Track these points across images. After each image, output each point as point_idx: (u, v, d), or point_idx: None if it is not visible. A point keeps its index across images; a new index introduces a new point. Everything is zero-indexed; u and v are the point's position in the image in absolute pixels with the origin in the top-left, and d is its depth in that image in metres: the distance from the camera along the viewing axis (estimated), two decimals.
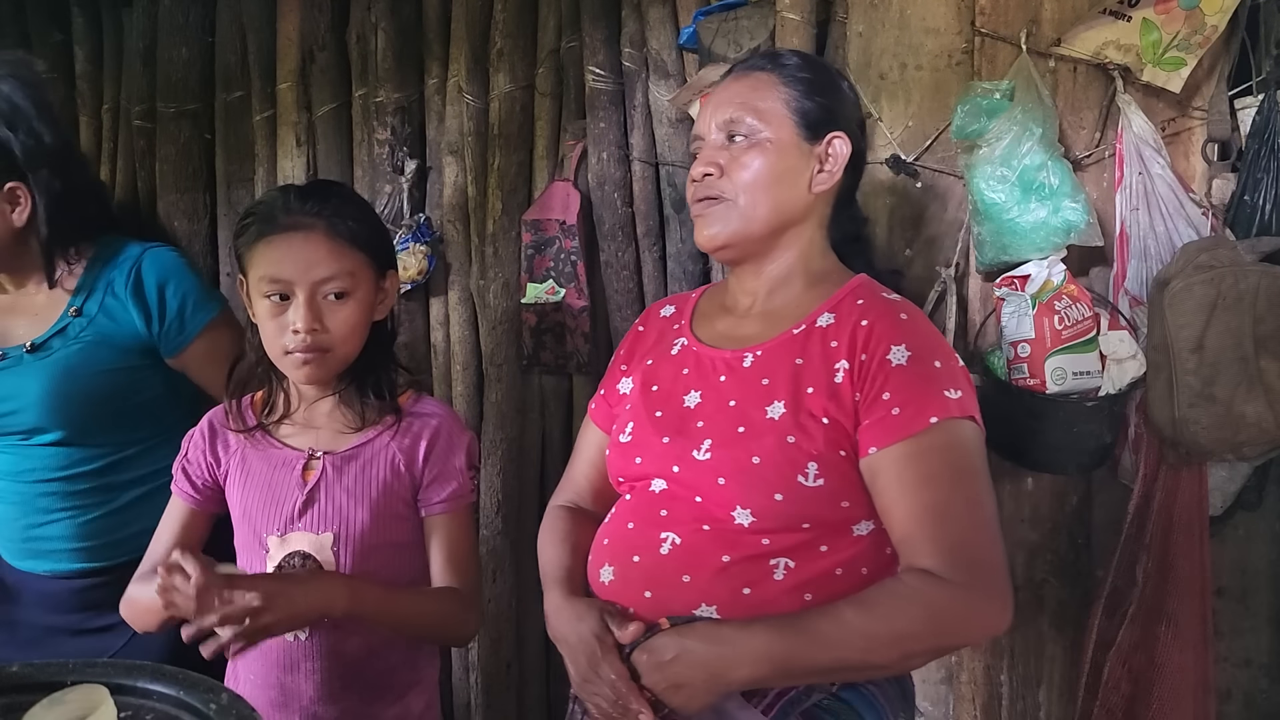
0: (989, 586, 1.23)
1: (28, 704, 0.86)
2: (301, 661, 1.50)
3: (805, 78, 1.43)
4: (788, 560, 1.30)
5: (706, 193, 1.42)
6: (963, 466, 1.28)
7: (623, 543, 1.40)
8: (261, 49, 2.53)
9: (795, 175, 1.42)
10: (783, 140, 1.41)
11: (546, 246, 2.29)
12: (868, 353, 1.32)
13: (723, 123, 1.42)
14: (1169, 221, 1.80)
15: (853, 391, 1.31)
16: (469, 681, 2.50)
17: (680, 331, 1.52)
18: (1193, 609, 1.81)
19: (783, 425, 1.32)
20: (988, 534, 1.26)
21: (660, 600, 1.32)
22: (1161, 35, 1.79)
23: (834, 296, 1.41)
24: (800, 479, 1.29)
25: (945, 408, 1.28)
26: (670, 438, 1.40)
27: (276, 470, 1.54)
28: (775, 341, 1.40)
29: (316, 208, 1.48)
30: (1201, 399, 1.70)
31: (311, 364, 1.49)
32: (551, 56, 2.31)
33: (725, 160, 1.41)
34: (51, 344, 1.76)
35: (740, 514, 1.30)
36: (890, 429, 1.28)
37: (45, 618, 1.83)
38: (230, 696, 0.92)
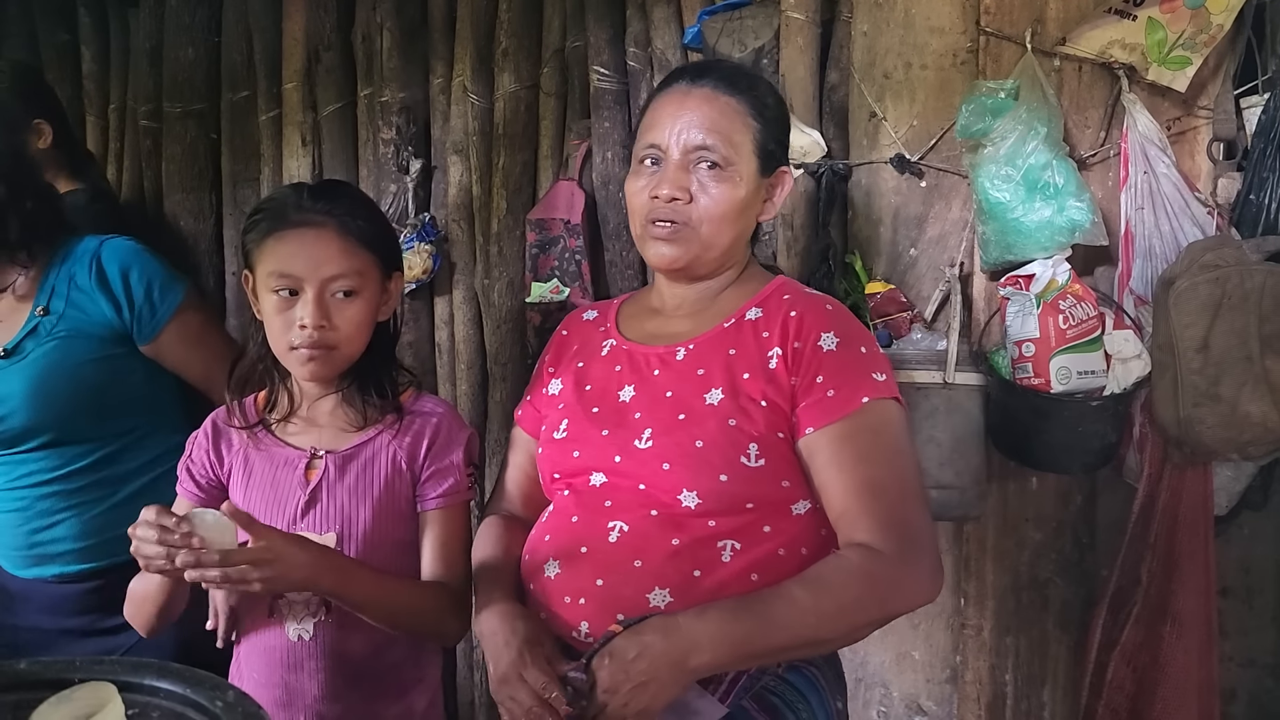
0: (921, 556, 1.32)
1: (35, 701, 0.86)
2: (305, 660, 1.49)
3: (769, 116, 1.47)
4: (734, 542, 1.34)
5: (672, 216, 1.43)
6: (893, 445, 1.37)
7: (567, 536, 1.42)
8: (267, 49, 2.54)
9: (751, 208, 1.47)
10: (747, 176, 1.44)
11: (551, 246, 2.29)
12: (800, 339, 1.39)
13: (693, 147, 1.43)
14: (1174, 221, 1.80)
15: (788, 376, 1.38)
16: (473, 680, 2.50)
17: (607, 334, 1.56)
18: (1197, 609, 1.81)
19: (723, 409, 1.37)
20: (917, 507, 1.35)
21: (612, 586, 1.34)
22: (1167, 34, 1.78)
23: (760, 294, 1.48)
24: (743, 460, 1.34)
25: (875, 389, 1.36)
26: (609, 430, 1.43)
27: (279, 470, 1.54)
28: (707, 335, 1.45)
29: (328, 206, 1.49)
30: (1206, 398, 1.70)
31: (316, 361, 1.48)
32: (556, 56, 2.32)
33: (694, 187, 1.42)
34: (24, 346, 1.74)
35: (687, 496, 1.34)
36: (826, 410, 1.35)
37: (51, 622, 1.82)
38: (236, 694, 0.92)
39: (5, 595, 1.88)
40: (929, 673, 2.04)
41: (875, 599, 1.29)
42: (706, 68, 1.55)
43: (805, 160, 2.01)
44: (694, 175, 1.43)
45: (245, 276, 1.56)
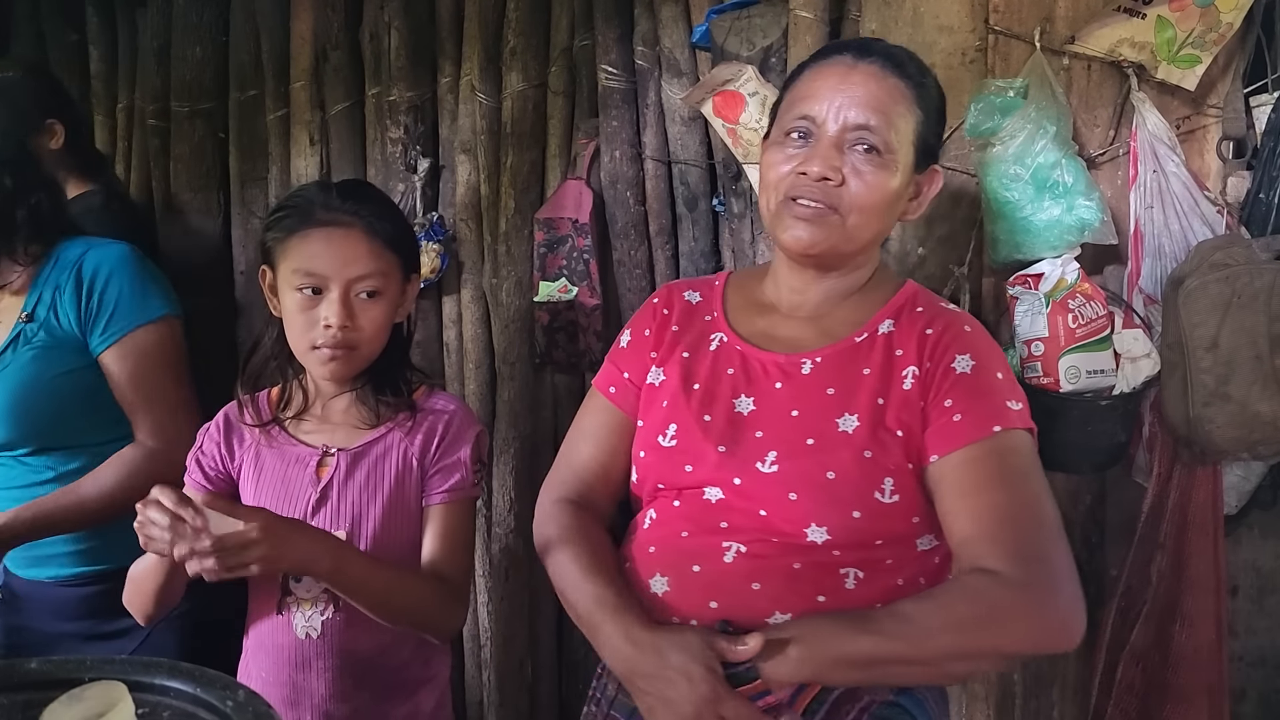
0: (1052, 589, 1.18)
1: (45, 701, 0.87)
2: (313, 659, 1.50)
3: (933, 108, 1.37)
4: (857, 571, 1.27)
5: (820, 197, 1.32)
6: (1025, 471, 1.26)
7: (677, 551, 1.33)
8: (275, 48, 2.54)
9: (900, 203, 1.37)
10: (903, 166, 1.34)
11: (559, 245, 2.29)
12: (933, 360, 1.30)
13: (856, 124, 1.31)
14: (1183, 220, 1.80)
15: (920, 399, 1.29)
16: (482, 680, 2.50)
17: (715, 324, 1.45)
18: (1207, 608, 1.80)
19: (858, 439, 1.28)
20: (1052, 538, 1.23)
21: (727, 609, 1.27)
22: (1176, 32, 1.78)
23: (891, 303, 1.38)
24: (877, 495, 1.26)
25: (1008, 418, 1.27)
26: (727, 447, 1.33)
27: (290, 467, 1.55)
28: (836, 348, 1.35)
29: (356, 206, 1.50)
30: (1216, 398, 1.69)
31: (338, 361, 1.49)
32: (564, 55, 2.32)
33: (846, 169, 1.32)
34: (5, 356, 1.74)
35: (815, 531, 1.26)
36: (953, 435, 1.26)
37: (55, 625, 1.83)
38: (247, 693, 0.92)
39: (12, 595, 1.89)
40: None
41: (988, 623, 1.17)
42: (872, 44, 1.41)
43: None
44: (848, 156, 1.32)
45: (263, 272, 1.56)
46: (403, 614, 1.49)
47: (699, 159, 2.20)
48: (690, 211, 2.22)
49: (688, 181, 2.21)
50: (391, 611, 1.48)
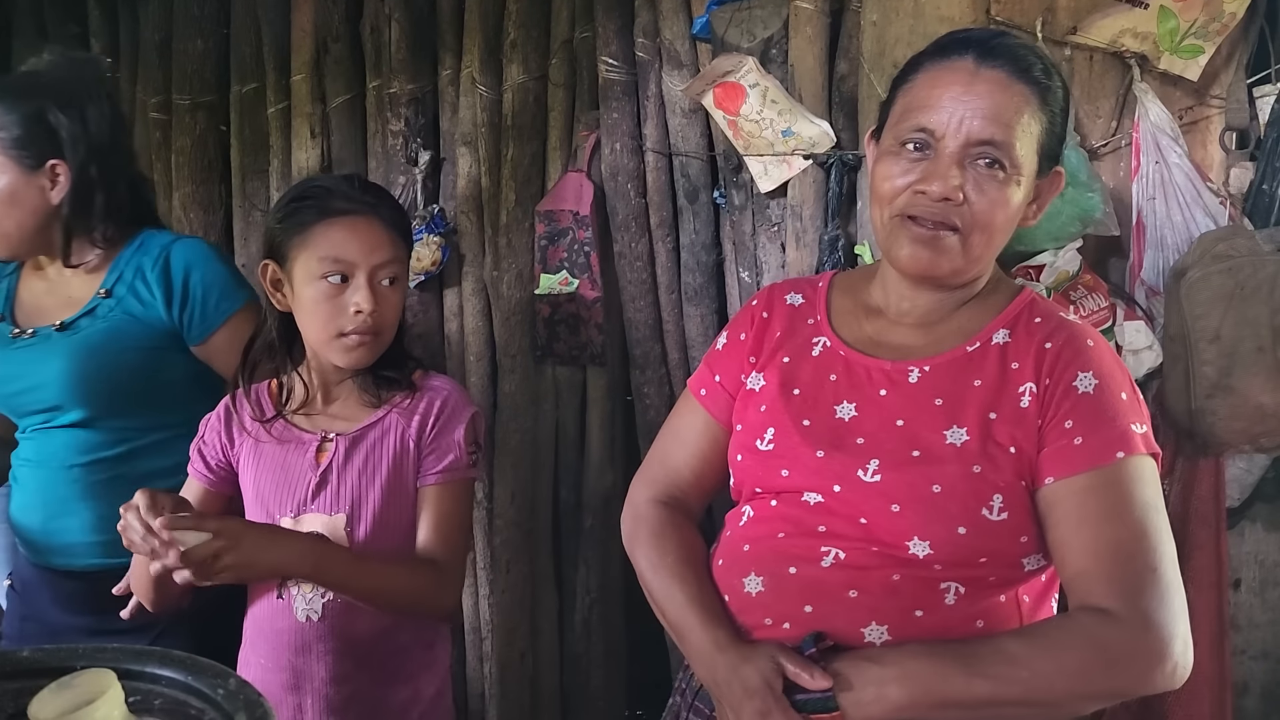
0: (1165, 627, 1.13)
1: (37, 689, 0.86)
2: (313, 643, 1.50)
3: (1058, 109, 1.27)
4: (958, 585, 1.21)
5: (941, 218, 1.24)
6: (1145, 504, 1.19)
7: (773, 552, 1.28)
8: (276, 41, 2.54)
9: (1021, 214, 1.28)
10: (1028, 178, 1.25)
11: (560, 237, 2.29)
12: (1052, 378, 1.22)
13: (978, 140, 1.22)
14: (1186, 211, 1.79)
15: (1038, 418, 1.22)
16: (483, 671, 2.50)
17: (818, 329, 1.39)
18: (1209, 601, 1.80)
19: (967, 453, 1.22)
20: (1167, 575, 1.16)
21: (823, 615, 1.22)
22: (1179, 23, 1.77)
23: (1007, 311, 1.30)
24: (985, 512, 1.20)
25: (1132, 443, 1.19)
26: (825, 452, 1.28)
27: (290, 452, 1.56)
28: (946, 358, 1.29)
29: (374, 197, 1.55)
30: (1219, 390, 1.69)
31: (365, 346, 1.52)
32: (564, 47, 2.31)
33: (968, 185, 1.23)
34: (80, 323, 1.79)
35: (917, 545, 1.21)
36: (1072, 459, 1.19)
37: (64, 617, 1.83)
38: (238, 682, 0.92)
39: (24, 584, 1.90)
40: None
41: (1102, 667, 1.12)
42: (997, 45, 1.27)
43: (814, 151, 2.00)
44: (969, 171, 1.23)
45: (264, 266, 1.56)
46: (392, 602, 1.51)
47: (700, 151, 2.19)
48: (691, 204, 2.22)
49: (688, 174, 2.21)
50: (381, 600, 1.50)
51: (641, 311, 2.30)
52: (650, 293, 2.29)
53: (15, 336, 1.81)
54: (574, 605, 2.48)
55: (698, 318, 2.25)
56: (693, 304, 2.25)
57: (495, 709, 2.49)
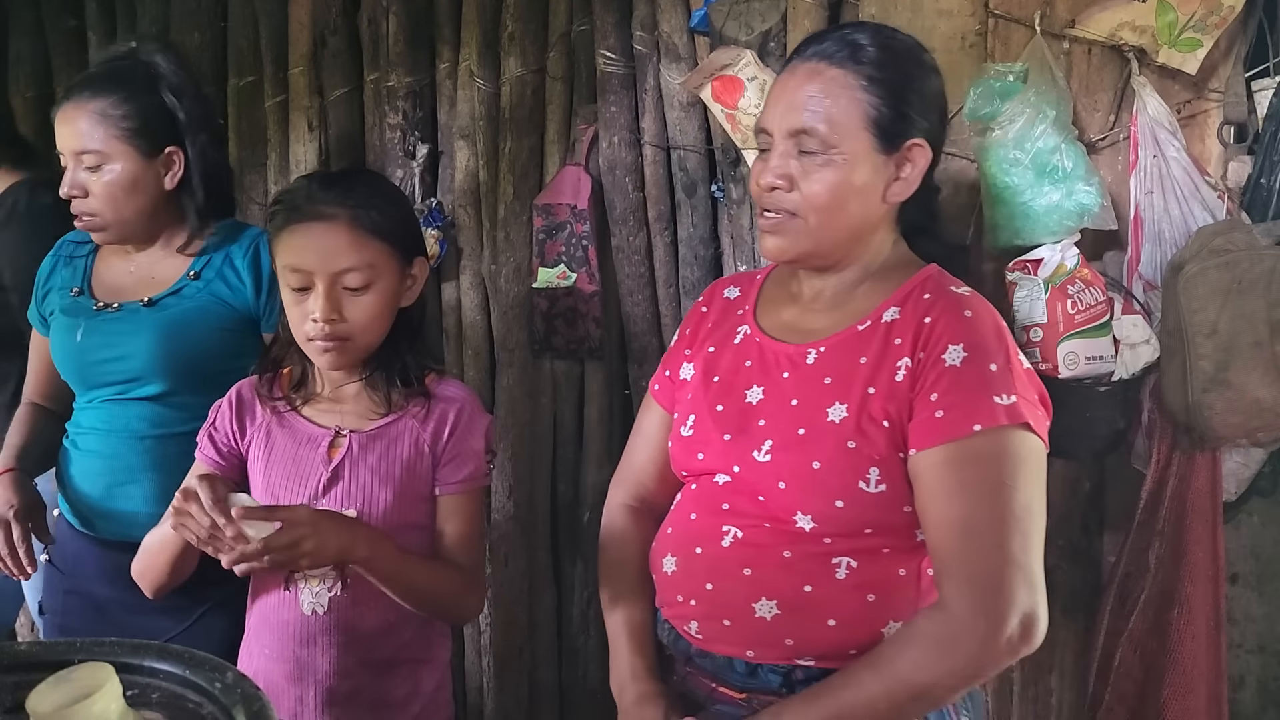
0: (1003, 615, 1.18)
1: (35, 682, 0.87)
2: (318, 636, 1.50)
3: (886, 80, 1.31)
4: (850, 560, 1.27)
5: (774, 205, 1.34)
6: (1002, 479, 1.21)
7: (685, 533, 1.39)
8: (273, 34, 2.53)
9: (869, 191, 1.33)
10: (857, 155, 1.31)
11: (558, 231, 2.29)
12: (925, 350, 1.27)
13: (793, 130, 1.32)
14: (1184, 205, 1.79)
15: (910, 390, 1.27)
16: (481, 665, 2.51)
17: (744, 318, 1.47)
18: (1206, 595, 1.80)
19: (843, 429, 1.28)
20: (1015, 555, 1.19)
21: (720, 592, 1.32)
22: (1178, 16, 1.76)
23: (902, 289, 1.35)
24: (862, 485, 1.26)
25: (993, 415, 1.21)
26: (731, 435, 1.36)
27: (301, 446, 1.55)
28: (840, 337, 1.35)
29: (340, 197, 1.48)
30: (1216, 384, 1.69)
31: (332, 352, 1.49)
32: (562, 40, 2.31)
33: (796, 173, 1.32)
34: (166, 301, 1.84)
35: (802, 519, 1.28)
36: (931, 431, 1.23)
37: (110, 591, 1.82)
38: (235, 675, 0.92)
39: (64, 556, 1.90)
40: None
41: (951, 673, 1.21)
42: (818, 39, 1.38)
43: None
44: (800, 161, 1.32)
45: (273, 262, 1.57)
46: (430, 602, 1.51)
47: (697, 144, 2.19)
48: (689, 197, 2.22)
49: (686, 167, 2.21)
50: (419, 600, 1.50)
51: (639, 305, 2.30)
52: (648, 286, 2.29)
53: (100, 309, 1.85)
54: (572, 599, 2.49)
55: None
56: (690, 298, 2.25)
57: (493, 702, 2.50)
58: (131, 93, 1.78)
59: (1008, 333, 1.31)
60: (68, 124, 1.78)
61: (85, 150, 1.77)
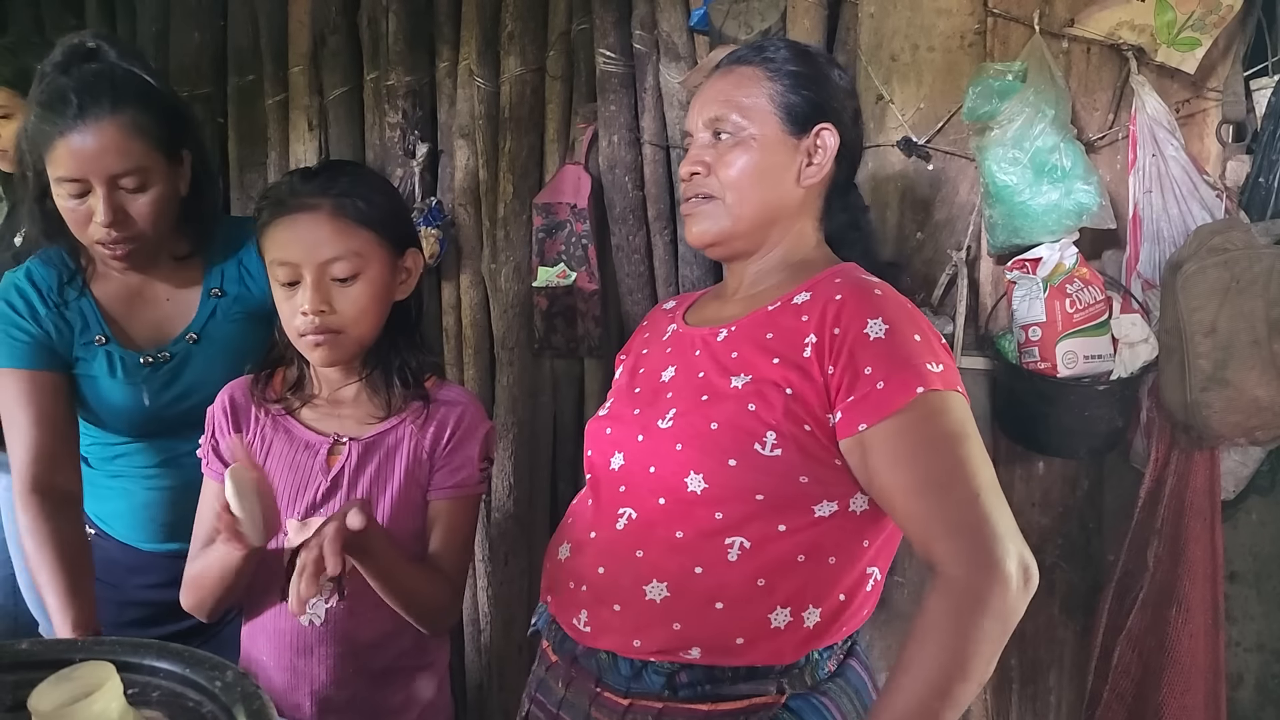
0: (1000, 559, 1.17)
1: (36, 681, 0.87)
2: (315, 646, 1.50)
3: (791, 70, 1.41)
4: (743, 540, 1.27)
5: (694, 190, 1.42)
6: (954, 433, 1.23)
7: (581, 520, 1.41)
8: (273, 33, 2.53)
9: (781, 170, 1.40)
10: (767, 136, 1.39)
11: (557, 230, 2.29)
12: (840, 326, 1.27)
13: (709, 120, 1.42)
14: (1182, 204, 1.79)
15: (822, 365, 1.27)
16: (481, 664, 2.51)
17: (673, 318, 1.53)
18: (1204, 593, 1.80)
19: (745, 393, 1.30)
20: (988, 500, 1.20)
21: (611, 575, 1.32)
22: (1176, 15, 1.77)
23: (814, 278, 1.37)
24: (757, 446, 1.27)
25: (929, 379, 1.23)
26: (641, 409, 1.40)
27: (299, 453, 1.53)
28: (749, 318, 1.38)
29: (321, 188, 1.46)
30: (1214, 383, 1.69)
31: (324, 346, 1.46)
32: (562, 39, 2.31)
33: (712, 158, 1.40)
34: (209, 330, 1.75)
35: (693, 479, 1.28)
36: (880, 403, 1.23)
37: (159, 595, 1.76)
38: (235, 674, 0.92)
39: (112, 568, 1.80)
40: None
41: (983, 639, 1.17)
42: (733, 52, 1.50)
43: None
44: (714, 149, 1.41)
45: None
46: (412, 606, 1.49)
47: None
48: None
49: None
50: (403, 601, 1.48)
51: (639, 304, 2.30)
52: (648, 285, 2.29)
53: (148, 364, 1.72)
54: None
55: None
56: None
57: (494, 701, 2.50)
58: (146, 98, 1.62)
59: (918, 310, 1.33)
60: (95, 146, 1.56)
61: (128, 171, 1.58)
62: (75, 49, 1.66)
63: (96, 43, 1.67)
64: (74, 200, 1.59)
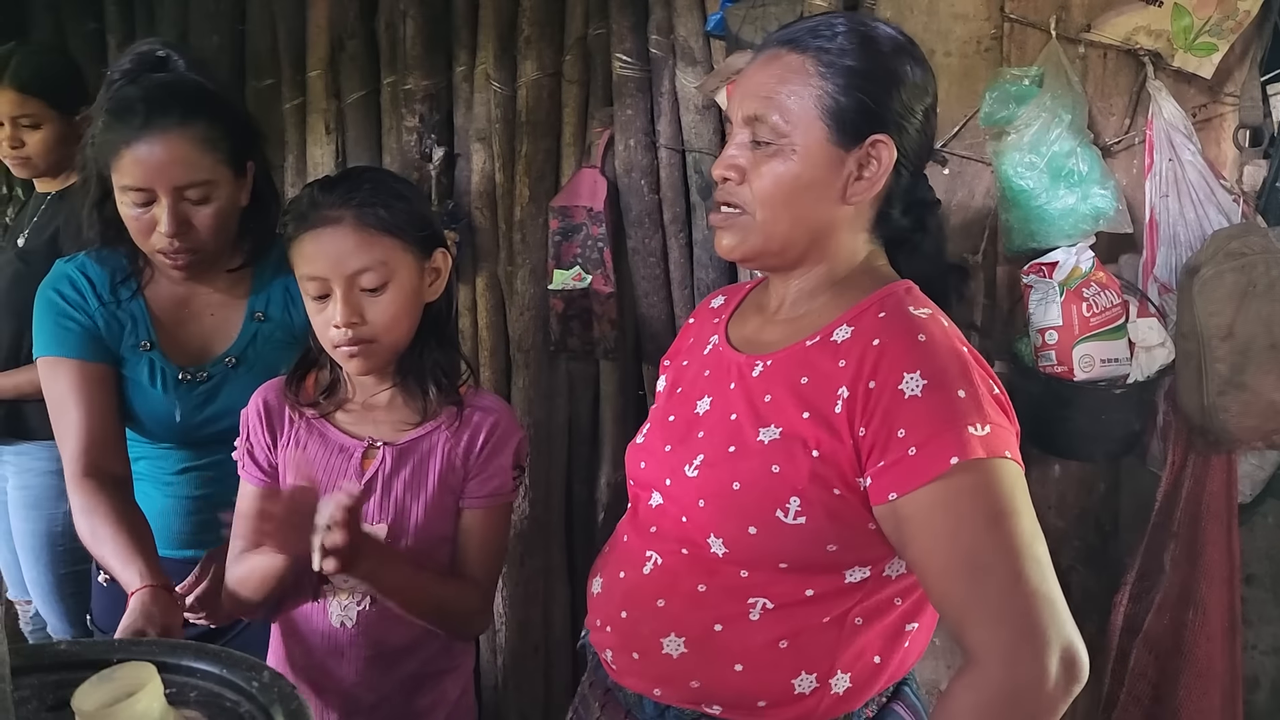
0: (1039, 652, 1.07)
1: (75, 681, 0.88)
2: (345, 647, 1.51)
3: (848, 66, 1.18)
4: (766, 601, 1.18)
5: (724, 198, 1.25)
6: (998, 510, 1.10)
7: (615, 555, 1.33)
8: (291, 37, 2.55)
9: (823, 187, 1.20)
10: (809, 147, 1.19)
11: (574, 233, 2.30)
12: (876, 380, 1.13)
13: (747, 117, 1.22)
14: (1199, 208, 1.80)
15: (853, 425, 1.14)
16: (496, 665, 2.52)
17: (718, 327, 1.37)
18: (1221, 597, 1.81)
19: (770, 452, 1.17)
20: (1032, 586, 1.08)
21: (633, 622, 1.25)
22: (1193, 20, 1.78)
23: (858, 306, 1.22)
24: (779, 514, 1.15)
25: (967, 446, 1.09)
26: (672, 446, 1.29)
27: (333, 456, 1.53)
28: (787, 352, 1.23)
29: (343, 199, 1.44)
30: (1231, 386, 1.69)
31: (359, 356, 1.47)
32: (579, 44, 2.32)
33: (747, 164, 1.22)
34: (247, 354, 1.75)
35: (714, 543, 1.19)
36: (909, 473, 1.10)
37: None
38: (271, 674, 0.94)
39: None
40: (950, 659, 2.04)
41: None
42: (790, 24, 1.28)
43: None
44: (751, 154, 1.22)
45: None
46: (435, 618, 1.50)
47: (713, 148, 2.20)
48: (704, 200, 2.23)
49: (702, 170, 2.22)
50: (424, 614, 1.48)
51: (655, 307, 2.31)
52: (663, 288, 2.31)
53: (188, 381, 1.73)
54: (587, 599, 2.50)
55: None
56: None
57: (509, 701, 2.51)
58: (215, 111, 1.63)
59: (969, 356, 1.17)
60: (164, 157, 1.57)
61: (194, 183, 1.59)
62: (144, 57, 1.66)
63: (166, 52, 1.67)
64: (138, 209, 1.60)
